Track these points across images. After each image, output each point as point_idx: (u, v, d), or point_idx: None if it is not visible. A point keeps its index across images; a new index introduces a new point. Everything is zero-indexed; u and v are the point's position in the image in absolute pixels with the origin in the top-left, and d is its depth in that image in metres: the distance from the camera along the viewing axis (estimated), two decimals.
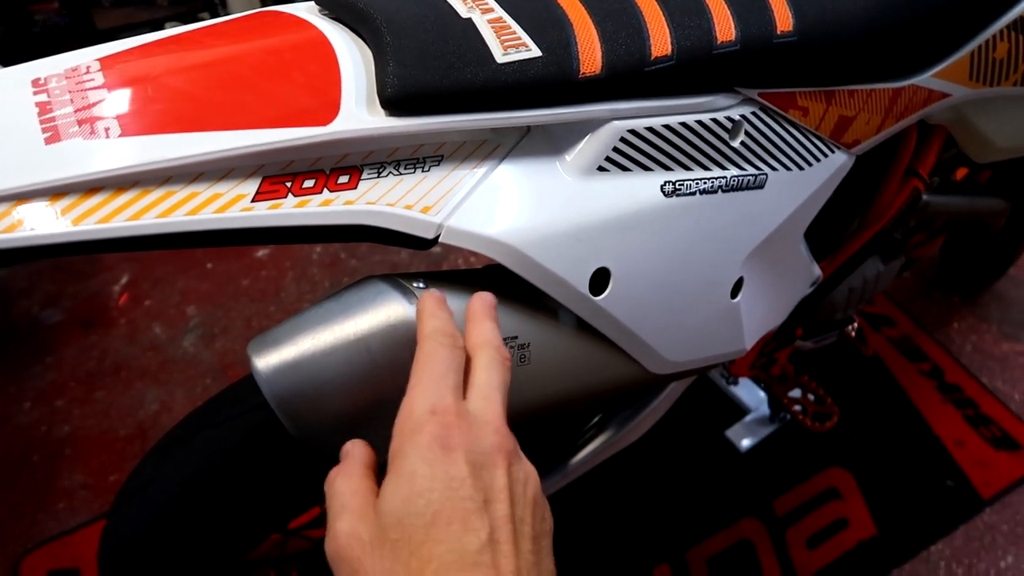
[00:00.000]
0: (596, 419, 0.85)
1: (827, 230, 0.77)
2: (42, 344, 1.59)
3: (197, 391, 1.46)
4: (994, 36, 0.66)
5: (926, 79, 0.64)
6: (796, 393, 1.11)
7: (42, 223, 0.34)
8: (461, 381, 0.37)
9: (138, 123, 0.37)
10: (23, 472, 1.35)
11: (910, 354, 1.54)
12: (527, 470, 0.37)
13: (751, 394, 1.39)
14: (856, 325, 1.00)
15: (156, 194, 0.36)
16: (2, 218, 0.33)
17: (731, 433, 1.36)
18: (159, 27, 2.08)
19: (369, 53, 0.43)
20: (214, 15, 1.94)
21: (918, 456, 1.36)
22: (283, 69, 0.40)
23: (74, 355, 1.56)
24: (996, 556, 1.22)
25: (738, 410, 1.39)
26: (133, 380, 1.50)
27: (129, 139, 0.36)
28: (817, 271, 0.75)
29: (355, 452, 0.39)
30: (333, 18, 0.47)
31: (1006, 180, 1.09)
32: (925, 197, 0.83)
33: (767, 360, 0.96)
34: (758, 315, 0.66)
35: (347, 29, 0.45)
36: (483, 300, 0.41)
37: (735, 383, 1.27)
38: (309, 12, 0.47)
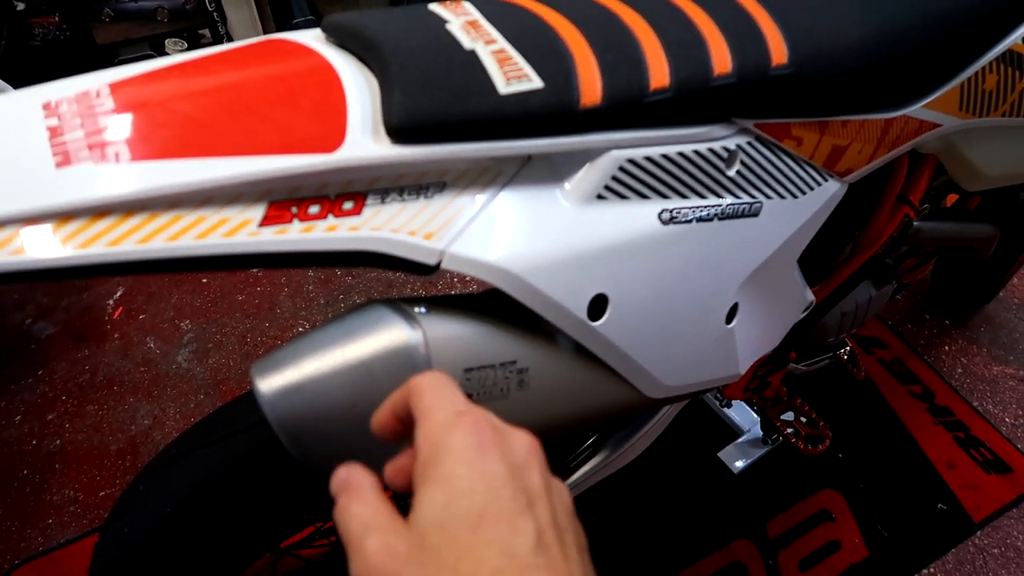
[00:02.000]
0: (590, 440, 0.86)
1: (820, 256, 0.78)
2: (34, 357, 1.58)
3: (190, 406, 1.46)
4: (983, 68, 0.68)
5: (917, 110, 0.65)
6: (789, 416, 1.12)
7: (51, 246, 0.34)
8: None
9: (147, 148, 0.38)
10: (11, 486, 1.34)
11: (901, 376, 1.55)
12: (557, 481, 0.35)
13: (744, 416, 1.40)
14: (848, 348, 1.01)
15: (164, 218, 0.37)
16: (11, 240, 0.34)
17: (724, 454, 1.37)
18: (159, 43, 2.10)
19: (375, 81, 0.44)
20: (214, 32, 1.95)
21: (910, 479, 1.37)
22: (290, 96, 0.41)
23: (66, 369, 1.55)
24: None
25: (731, 431, 1.40)
26: (125, 395, 1.50)
27: (138, 164, 0.37)
28: (810, 296, 0.76)
29: (359, 477, 0.36)
30: (339, 45, 0.47)
31: (994, 206, 1.11)
32: (916, 223, 0.84)
33: (760, 383, 0.97)
34: (752, 340, 0.67)
35: (353, 57, 0.46)
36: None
37: (729, 405, 1.27)
38: (316, 40, 0.48)
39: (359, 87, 0.43)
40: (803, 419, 1.11)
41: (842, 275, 0.82)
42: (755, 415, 1.37)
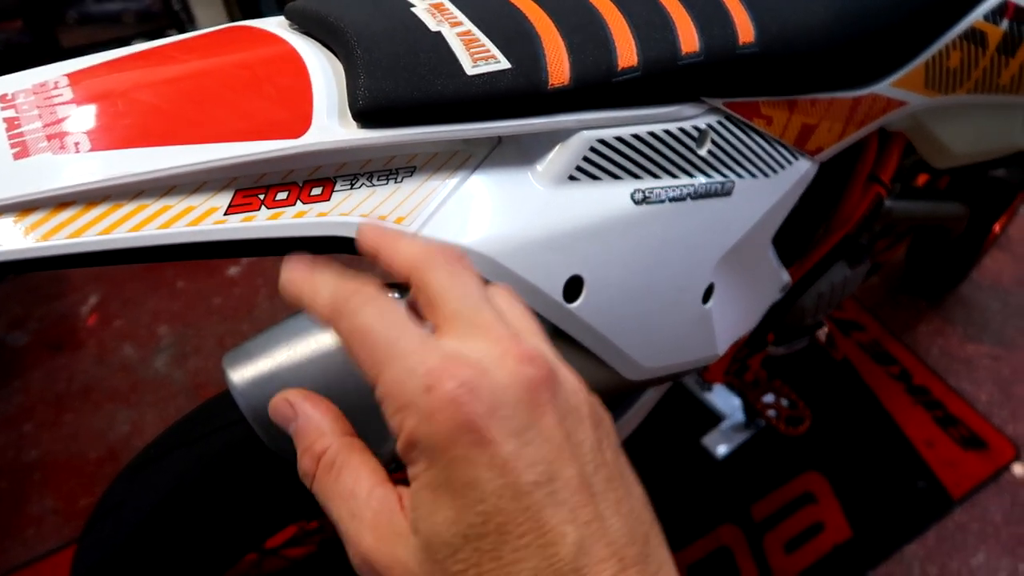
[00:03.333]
0: None
1: (794, 237, 0.79)
2: (9, 367, 1.55)
3: (169, 412, 1.44)
4: (947, 46, 0.68)
5: (884, 87, 0.66)
6: (769, 398, 1.13)
7: (11, 239, 0.34)
8: (418, 324, 0.30)
9: (108, 137, 0.37)
10: None
11: (879, 357, 1.57)
12: (570, 384, 0.30)
13: (726, 401, 1.41)
14: (826, 330, 1.02)
15: (127, 208, 0.36)
16: None
17: (707, 440, 1.38)
18: (126, 45, 2.05)
19: (340, 66, 0.43)
20: (181, 32, 1.92)
21: (890, 458, 1.39)
22: (254, 83, 0.41)
23: (42, 378, 1.53)
24: (967, 555, 1.25)
25: (713, 417, 1.41)
26: (103, 402, 1.48)
27: (99, 153, 0.36)
28: (786, 277, 0.76)
29: (343, 445, 0.30)
30: (303, 32, 0.47)
31: (964, 185, 1.12)
32: (887, 203, 0.85)
33: (740, 366, 0.97)
34: (730, 321, 0.67)
35: (317, 43, 0.45)
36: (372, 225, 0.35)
37: (709, 389, 1.28)
38: (279, 27, 0.47)
39: (324, 72, 0.42)
40: (783, 401, 1.12)
41: (816, 255, 0.83)
42: (736, 399, 1.38)
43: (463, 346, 0.29)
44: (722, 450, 1.36)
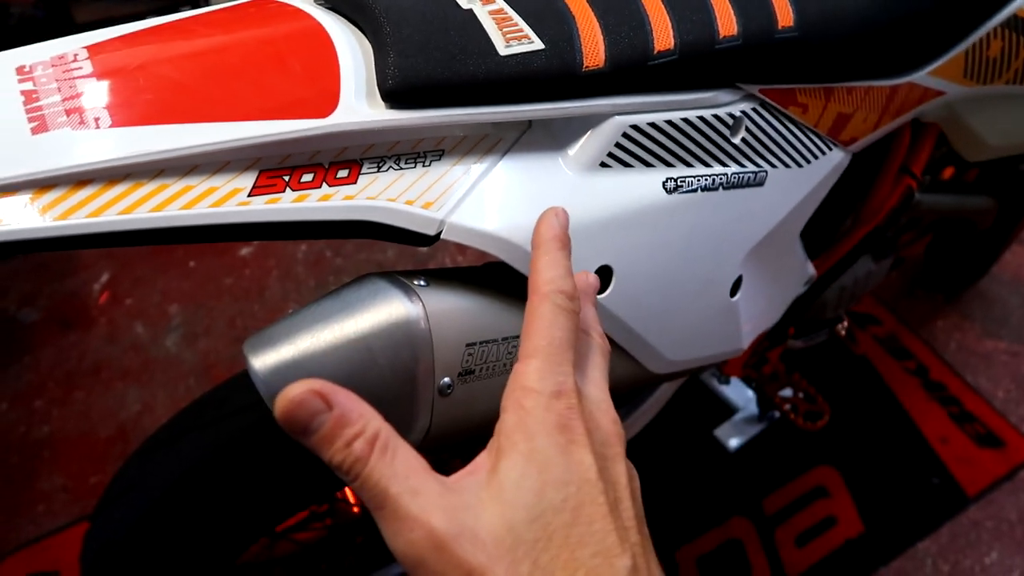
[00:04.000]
0: None
1: (821, 228, 0.77)
2: (19, 344, 1.55)
3: (179, 392, 1.44)
4: (988, 34, 0.66)
5: (922, 76, 0.64)
6: (787, 392, 1.11)
7: (28, 217, 0.32)
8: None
9: (129, 113, 0.35)
10: (0, 475, 1.32)
11: (895, 352, 1.56)
12: (631, 466, 0.35)
13: (739, 393, 1.40)
14: (846, 324, 1.00)
15: (149, 187, 0.35)
16: None
17: (720, 432, 1.36)
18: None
19: (368, 44, 0.42)
20: (195, 7, 1.90)
21: (904, 454, 1.37)
22: (280, 59, 0.39)
23: (53, 355, 1.53)
24: (981, 552, 1.24)
25: (726, 409, 1.40)
26: (114, 380, 1.47)
27: (120, 130, 0.35)
28: (811, 270, 0.74)
29: (384, 430, 0.30)
30: (329, 8, 0.45)
31: (993, 179, 1.10)
32: (917, 196, 0.83)
33: (759, 359, 0.96)
34: (755, 314, 0.65)
35: (344, 19, 0.43)
36: (551, 220, 0.38)
37: (727, 382, 1.27)
38: (305, 1, 0.45)
39: (352, 49, 0.41)
40: (801, 395, 1.11)
41: (843, 248, 0.81)
42: (750, 392, 1.37)
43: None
44: (735, 442, 1.35)
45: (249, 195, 0.37)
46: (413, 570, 0.29)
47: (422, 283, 0.42)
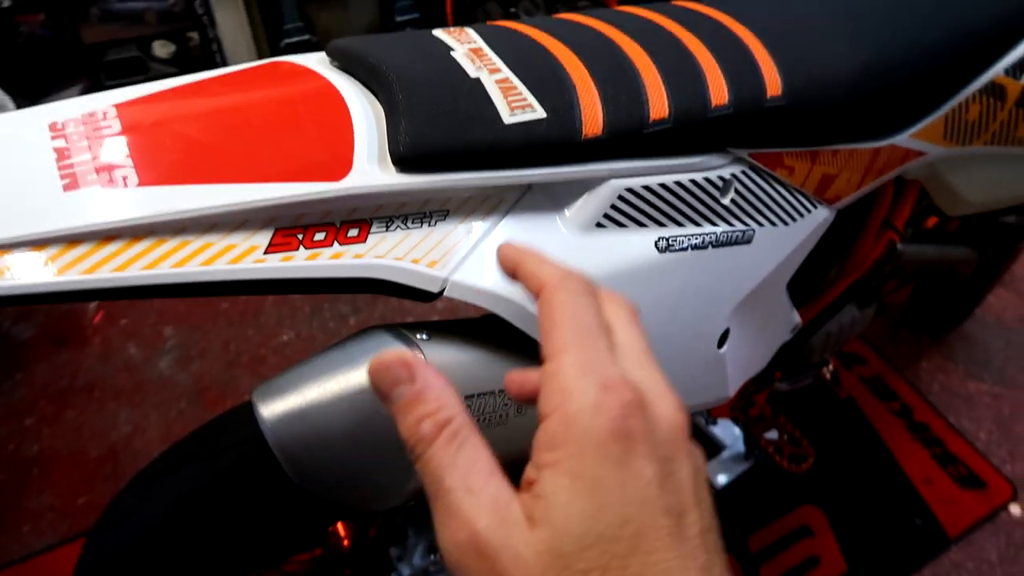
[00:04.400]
0: None
1: (806, 279, 0.80)
2: (12, 360, 1.56)
3: (172, 414, 1.45)
4: (967, 99, 0.69)
5: (904, 139, 0.67)
6: (773, 434, 1.13)
7: (59, 271, 0.34)
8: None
9: (155, 173, 0.38)
10: None
11: (881, 393, 1.58)
12: (699, 457, 0.30)
13: (726, 431, 1.41)
14: (832, 367, 1.03)
15: (171, 244, 0.37)
16: (18, 264, 0.34)
17: (707, 469, 1.38)
18: (147, 44, 2.09)
19: (380, 108, 0.44)
20: (202, 35, 1.94)
21: (888, 494, 1.39)
22: (297, 122, 0.42)
23: (45, 372, 1.54)
24: None
25: (714, 446, 1.41)
26: (106, 400, 1.48)
27: (146, 189, 0.37)
28: (797, 318, 0.77)
29: (462, 420, 0.29)
30: (343, 69, 0.48)
31: (973, 230, 1.13)
32: (900, 247, 0.86)
33: (746, 402, 0.98)
34: (742, 362, 0.68)
35: (358, 83, 0.46)
36: (510, 245, 0.36)
37: (714, 423, 1.29)
38: (320, 63, 0.48)
39: (365, 114, 0.43)
40: (787, 438, 1.13)
41: (828, 298, 0.84)
42: (737, 430, 1.39)
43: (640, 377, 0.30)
44: (721, 480, 1.36)
45: (265, 252, 0.39)
46: (455, 570, 0.27)
47: (424, 336, 0.44)
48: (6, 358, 1.56)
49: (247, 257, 0.38)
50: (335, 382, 0.41)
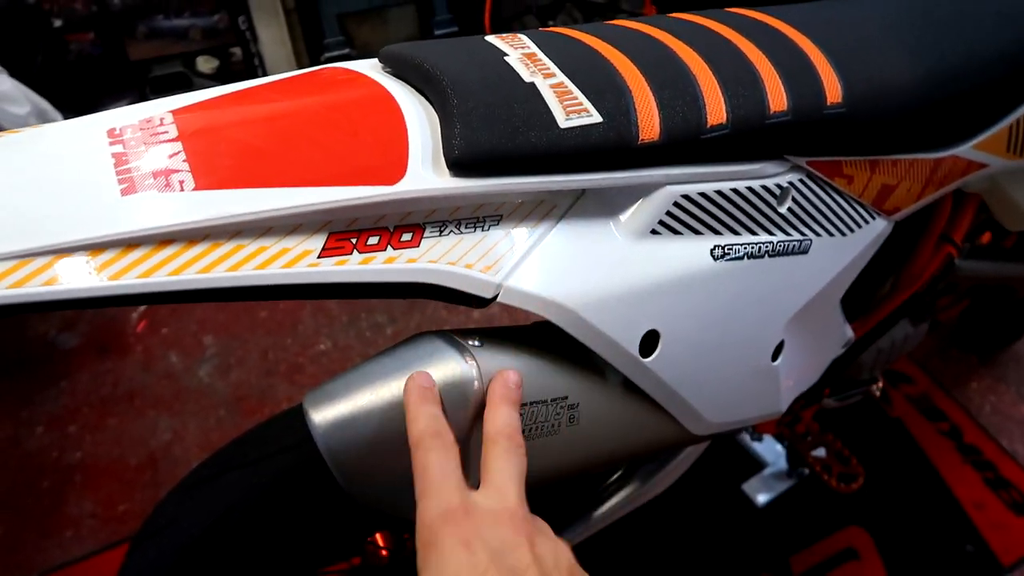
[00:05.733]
0: (620, 472, 0.85)
1: (861, 292, 0.77)
2: (57, 368, 1.59)
3: (210, 422, 1.46)
4: None
5: (966, 150, 0.65)
6: (820, 452, 1.10)
7: (115, 275, 0.34)
8: (461, 476, 0.39)
9: (211, 177, 0.38)
10: (30, 498, 1.34)
11: (928, 412, 1.53)
12: (556, 547, 0.38)
13: (768, 447, 1.38)
14: (881, 385, 0.99)
15: (226, 248, 0.37)
16: (78, 268, 0.34)
17: (748, 487, 1.34)
18: (191, 60, 2.14)
19: (433, 112, 0.43)
20: (245, 50, 1.98)
21: (937, 518, 1.34)
22: (351, 126, 0.41)
23: (88, 380, 1.56)
24: None
25: (755, 464, 1.38)
26: (146, 408, 1.50)
27: (201, 193, 0.37)
28: (850, 333, 0.75)
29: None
30: (396, 75, 0.47)
31: None
32: (957, 262, 0.83)
33: (793, 417, 0.95)
34: (794, 376, 0.66)
35: (411, 88, 0.46)
36: (504, 383, 0.42)
37: (759, 439, 1.26)
38: (373, 69, 0.48)
39: (419, 118, 0.43)
40: (834, 455, 1.10)
41: (882, 312, 0.81)
42: (779, 447, 1.35)
43: (483, 502, 0.38)
44: (763, 498, 1.33)
45: (319, 256, 0.38)
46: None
47: (476, 343, 0.43)
48: (51, 366, 1.59)
49: (301, 261, 0.38)
50: (387, 388, 0.40)
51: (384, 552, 0.90)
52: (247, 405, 1.49)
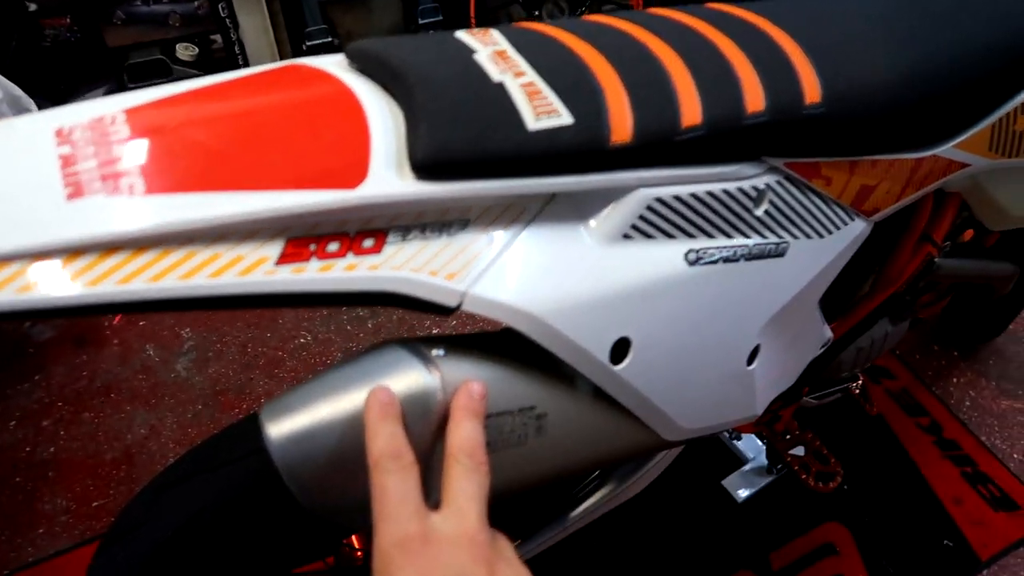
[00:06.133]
0: (596, 472, 0.84)
1: (839, 292, 0.77)
2: (31, 361, 1.56)
3: (188, 416, 1.44)
4: (1015, 109, 0.66)
5: (947, 150, 0.64)
6: (799, 450, 1.10)
7: (60, 283, 0.33)
8: (420, 500, 0.38)
9: (162, 181, 0.36)
10: (3, 494, 1.32)
11: (909, 408, 1.53)
12: (518, 572, 0.38)
13: (749, 444, 1.38)
14: (860, 382, 0.99)
15: (177, 255, 0.35)
16: (18, 276, 0.32)
17: (728, 483, 1.34)
18: (170, 47, 2.09)
19: (399, 111, 0.42)
20: (226, 38, 1.94)
21: (916, 513, 1.35)
22: (311, 127, 0.40)
23: (63, 374, 1.53)
24: None
25: (736, 459, 1.38)
26: (122, 402, 1.47)
27: (152, 198, 0.35)
28: (828, 333, 0.74)
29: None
30: (363, 71, 0.46)
31: (1014, 244, 1.09)
32: (937, 261, 0.82)
33: (772, 416, 0.95)
34: (771, 379, 0.65)
35: (378, 85, 0.44)
36: (468, 395, 0.41)
37: (738, 438, 1.25)
38: (338, 66, 0.46)
39: (383, 118, 0.41)
40: (813, 454, 1.10)
41: (861, 312, 0.81)
42: (760, 443, 1.35)
43: (442, 527, 0.37)
44: (743, 493, 1.33)
45: (276, 264, 0.37)
46: None
47: (440, 352, 0.42)
48: (25, 359, 1.56)
49: (257, 269, 0.36)
50: (348, 400, 0.39)
51: (359, 553, 0.89)
52: (225, 399, 1.47)
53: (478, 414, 0.41)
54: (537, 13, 2.22)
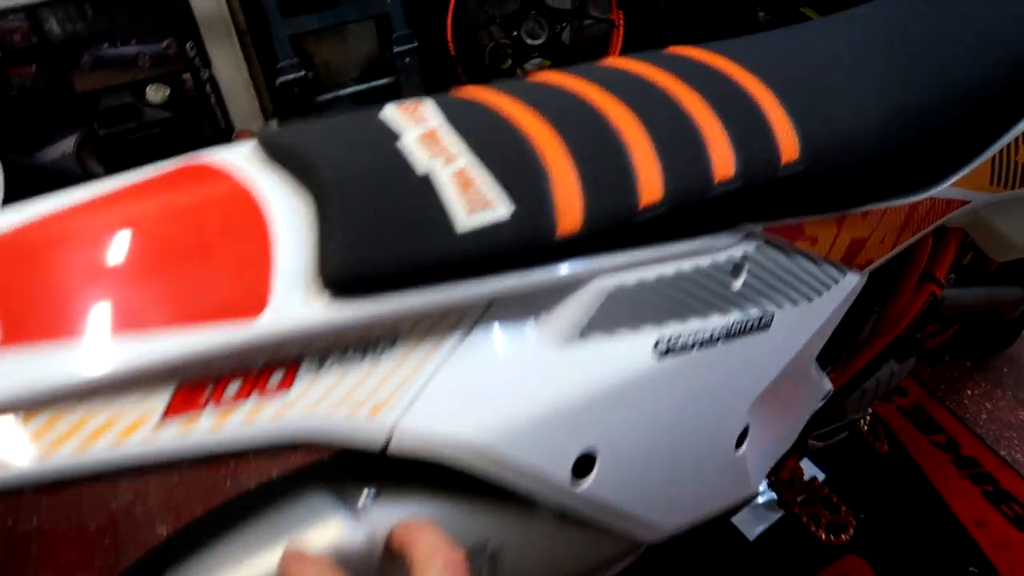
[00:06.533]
0: None
1: (838, 341, 0.71)
2: None
3: (173, 480, 1.39)
4: (1016, 139, 0.60)
5: (945, 189, 0.58)
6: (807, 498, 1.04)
7: None
8: None
9: (22, 327, 0.30)
10: None
11: (922, 425, 1.47)
12: None
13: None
14: (868, 418, 0.93)
15: (36, 423, 0.30)
16: None
17: (738, 520, 1.28)
18: (141, 89, 2.05)
19: (312, 210, 0.36)
20: (195, 77, 1.89)
21: (937, 540, 1.28)
22: (203, 246, 0.34)
23: None
24: None
25: None
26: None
27: (8, 349, 0.30)
28: (828, 386, 0.68)
29: None
30: (276, 161, 0.40)
31: (1018, 268, 1.03)
32: (941, 294, 0.76)
33: (776, 465, 0.89)
34: (767, 451, 0.59)
35: (289, 176, 0.38)
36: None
37: None
38: (247, 160, 0.40)
39: (291, 226, 0.35)
40: (821, 502, 1.03)
41: (863, 359, 0.75)
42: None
43: None
44: (755, 531, 1.26)
45: (161, 418, 0.31)
46: None
47: (370, 498, 0.36)
48: None
49: (135, 432, 0.31)
50: (256, 562, 0.33)
51: None
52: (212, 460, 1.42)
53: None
54: (516, 33, 2.17)
